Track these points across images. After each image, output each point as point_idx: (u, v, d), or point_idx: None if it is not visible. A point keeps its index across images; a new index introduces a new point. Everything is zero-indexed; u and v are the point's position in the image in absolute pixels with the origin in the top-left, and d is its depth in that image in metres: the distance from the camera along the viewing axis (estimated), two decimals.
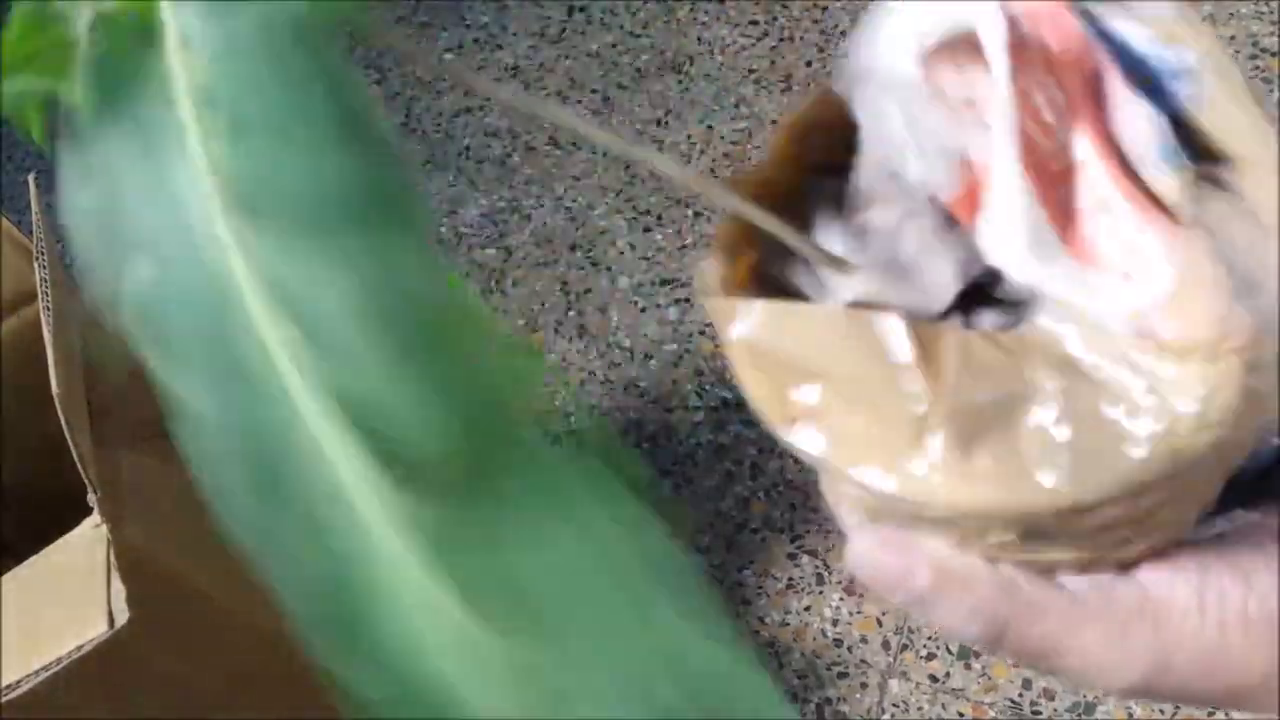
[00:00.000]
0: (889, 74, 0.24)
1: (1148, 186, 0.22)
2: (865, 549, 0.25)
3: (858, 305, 0.24)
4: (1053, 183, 0.23)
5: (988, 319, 0.24)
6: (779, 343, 0.24)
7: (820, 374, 0.23)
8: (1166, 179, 0.22)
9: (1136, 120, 0.23)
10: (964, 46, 0.23)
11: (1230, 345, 0.21)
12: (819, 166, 0.26)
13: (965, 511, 0.22)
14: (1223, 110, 0.23)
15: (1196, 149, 0.23)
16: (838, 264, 0.24)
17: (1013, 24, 0.22)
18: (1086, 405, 0.22)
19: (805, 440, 0.24)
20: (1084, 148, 0.22)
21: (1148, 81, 0.23)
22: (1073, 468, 0.21)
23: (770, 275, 0.26)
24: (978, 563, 0.25)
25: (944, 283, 0.24)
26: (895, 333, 0.23)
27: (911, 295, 0.24)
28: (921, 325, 0.23)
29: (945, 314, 0.24)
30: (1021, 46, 0.22)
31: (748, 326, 0.24)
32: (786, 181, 0.26)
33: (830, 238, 0.25)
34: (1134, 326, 0.22)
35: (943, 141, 0.23)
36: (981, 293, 0.24)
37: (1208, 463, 0.22)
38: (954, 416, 0.22)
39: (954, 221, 0.24)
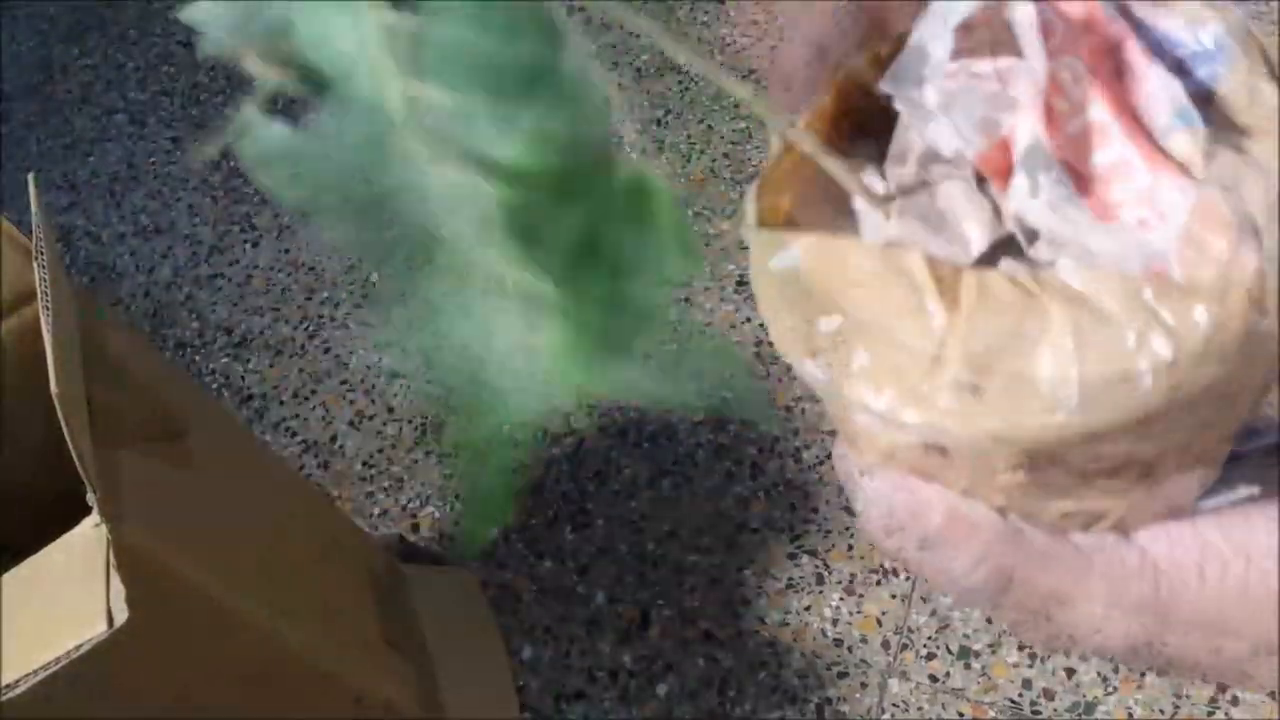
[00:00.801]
0: (923, 56, 0.26)
1: (1163, 147, 0.24)
2: (879, 489, 0.26)
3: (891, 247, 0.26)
4: (1073, 146, 0.24)
5: (1010, 268, 0.26)
6: (814, 274, 0.25)
7: (847, 306, 0.25)
8: (1180, 136, 0.24)
9: (1152, 85, 0.24)
10: (995, 23, 0.25)
11: (1236, 283, 0.22)
12: (855, 132, 0.28)
13: (976, 437, 0.24)
14: (1238, 84, 0.24)
15: (1220, 124, 0.25)
16: (879, 201, 0.26)
17: (1041, 6, 0.24)
18: (1096, 339, 0.23)
19: (825, 371, 0.25)
20: (1100, 111, 0.24)
21: (1178, 64, 0.25)
22: (1080, 397, 0.23)
23: (802, 221, 0.27)
24: (987, 510, 0.25)
25: (974, 237, 0.25)
26: (918, 267, 0.24)
27: (943, 246, 0.25)
28: (944, 264, 0.25)
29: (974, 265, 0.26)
30: (1048, 23, 0.24)
31: (789, 257, 0.26)
32: (829, 134, 0.28)
33: (869, 185, 0.27)
34: (1147, 268, 0.23)
35: (976, 115, 0.25)
36: (1007, 249, 0.26)
37: (1212, 405, 0.23)
38: (969, 345, 0.23)
39: (984, 182, 0.26)
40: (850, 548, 1.13)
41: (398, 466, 1.29)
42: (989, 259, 0.25)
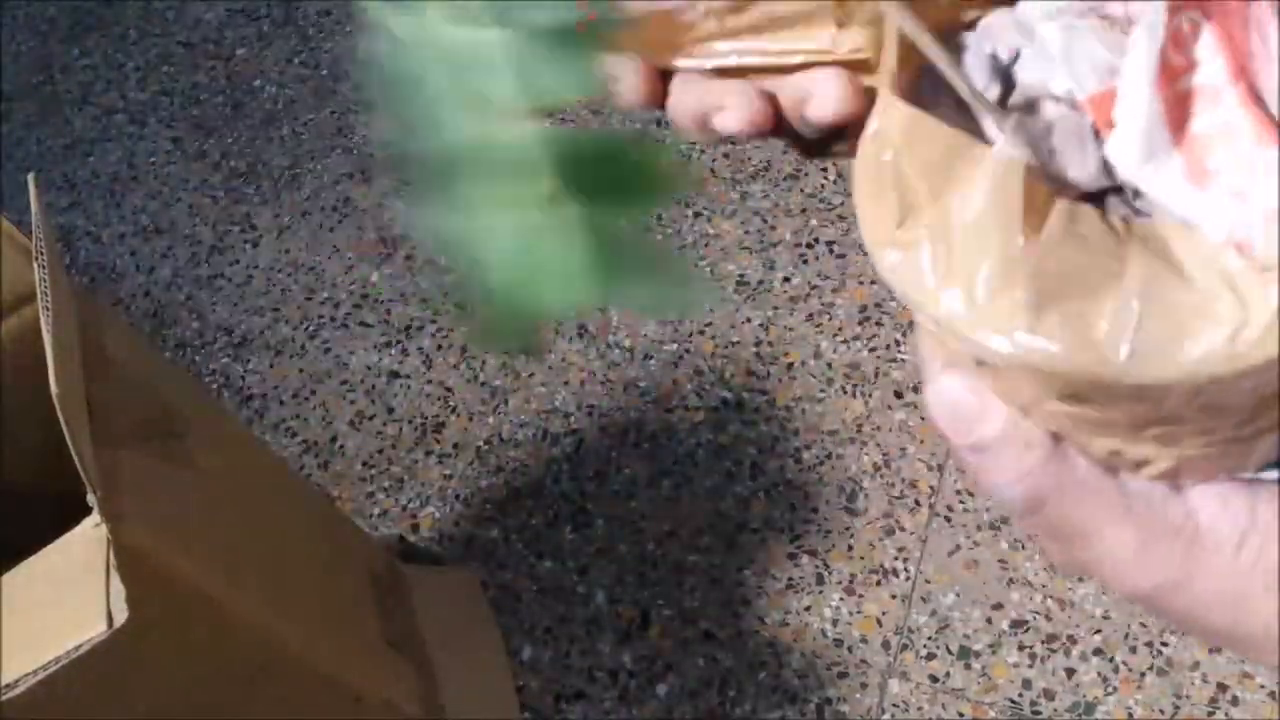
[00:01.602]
0: None
1: (1274, 117, 0.23)
2: (950, 386, 0.26)
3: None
4: (1178, 103, 0.24)
5: (1110, 208, 0.25)
6: (908, 151, 0.25)
7: (932, 197, 0.24)
8: None
9: (1274, 54, 0.24)
10: None
11: None
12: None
13: (1024, 364, 0.23)
14: None
15: None
16: (1000, 117, 0.25)
17: None
18: (1167, 296, 0.23)
19: (895, 264, 0.25)
20: (1217, 72, 0.24)
21: None
22: (1134, 348, 0.22)
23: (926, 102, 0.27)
24: (1043, 431, 0.25)
25: (1085, 176, 0.25)
26: (1013, 175, 0.24)
27: (1050, 174, 0.25)
28: (1042, 186, 0.24)
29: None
30: None
31: (889, 123, 0.25)
32: (947, 29, 0.27)
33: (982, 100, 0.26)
34: (1232, 238, 0.23)
35: (1095, 58, 0.25)
36: (1112, 190, 0.25)
37: (1271, 385, 0.23)
38: (1041, 269, 0.23)
39: (1096, 131, 0.25)
40: (850, 548, 1.13)
41: (398, 466, 1.29)
42: (1093, 196, 0.25)
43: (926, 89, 0.26)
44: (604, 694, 1.10)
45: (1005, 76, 0.26)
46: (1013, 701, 1.03)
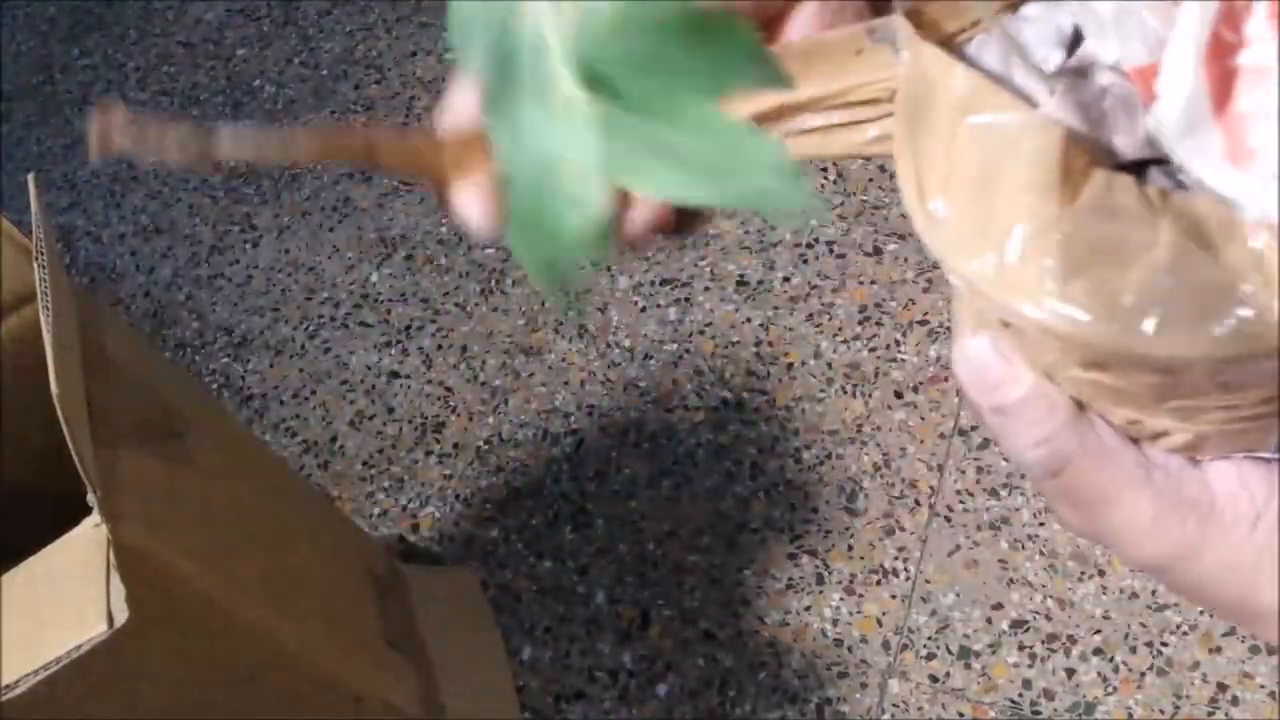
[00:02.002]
0: None
1: None
2: (978, 348, 0.26)
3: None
4: (1224, 80, 0.24)
5: (1151, 178, 0.25)
6: (956, 109, 0.25)
7: (976, 157, 0.24)
8: None
9: None
10: None
11: None
12: None
13: (1048, 329, 0.23)
14: None
15: None
16: (1045, 79, 0.25)
17: None
18: (1195, 272, 0.22)
19: (931, 222, 0.25)
20: (1267, 52, 0.23)
21: None
22: (1159, 322, 0.22)
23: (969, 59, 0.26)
24: (1065, 395, 0.25)
25: (1130, 146, 0.25)
26: (1052, 140, 0.23)
27: (1099, 141, 0.25)
28: (1082, 153, 0.24)
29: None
30: None
31: (936, 76, 0.25)
32: None
33: (1033, 59, 0.26)
34: (1264, 219, 0.23)
35: (1145, 28, 0.25)
36: (1154, 166, 0.25)
37: None
38: (1072, 237, 0.23)
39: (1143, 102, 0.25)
40: (850, 548, 1.13)
41: (398, 466, 1.29)
42: (1139, 166, 0.25)
43: (979, 51, 0.26)
44: (604, 694, 1.10)
45: (1072, 45, 0.26)
46: (1013, 701, 1.03)
